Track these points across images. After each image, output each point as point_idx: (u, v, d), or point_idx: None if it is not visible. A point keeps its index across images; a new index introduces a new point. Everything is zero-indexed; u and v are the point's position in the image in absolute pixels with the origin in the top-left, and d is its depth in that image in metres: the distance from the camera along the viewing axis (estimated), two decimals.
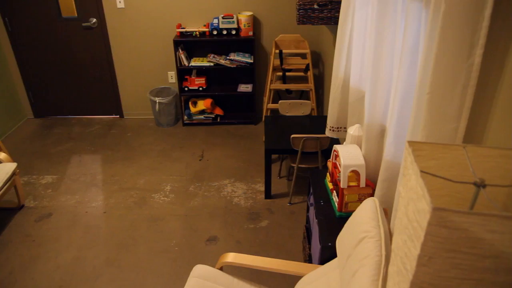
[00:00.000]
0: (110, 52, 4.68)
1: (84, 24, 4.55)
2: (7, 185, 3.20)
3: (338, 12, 2.92)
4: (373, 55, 1.93)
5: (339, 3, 2.88)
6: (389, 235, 1.54)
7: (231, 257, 2.22)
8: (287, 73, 4.21)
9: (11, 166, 3.27)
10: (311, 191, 2.53)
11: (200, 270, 2.21)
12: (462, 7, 1.10)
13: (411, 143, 0.91)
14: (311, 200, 2.57)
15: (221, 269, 2.27)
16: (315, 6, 2.91)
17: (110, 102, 5.02)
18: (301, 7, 2.93)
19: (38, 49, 4.71)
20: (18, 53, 4.74)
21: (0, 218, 3.43)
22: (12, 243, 3.17)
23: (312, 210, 2.55)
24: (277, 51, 4.16)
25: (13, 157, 4.27)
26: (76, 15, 4.52)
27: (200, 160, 4.12)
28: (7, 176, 3.19)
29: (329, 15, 2.94)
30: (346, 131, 2.75)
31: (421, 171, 0.79)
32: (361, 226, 1.55)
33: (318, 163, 3.33)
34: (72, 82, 4.91)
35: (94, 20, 4.52)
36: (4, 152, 3.42)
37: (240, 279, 2.22)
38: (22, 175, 3.98)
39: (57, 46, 4.69)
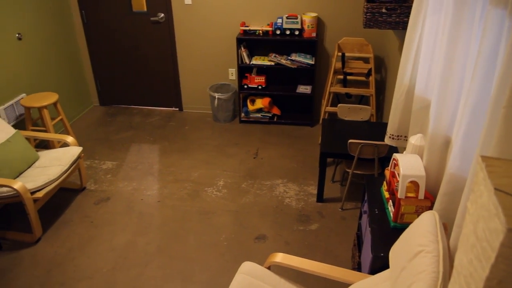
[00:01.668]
0: (174, 46, 4.82)
1: (152, 19, 4.71)
2: (73, 167, 3.38)
3: (407, 17, 2.84)
4: (443, 63, 1.85)
5: (409, 7, 2.79)
6: (448, 252, 1.47)
7: (280, 257, 2.21)
8: (348, 77, 4.14)
9: (77, 150, 3.45)
10: (366, 198, 2.47)
11: (248, 267, 2.23)
12: None
13: (484, 158, 0.86)
14: (365, 207, 2.52)
15: (268, 268, 2.27)
16: (384, 10, 2.84)
17: (171, 95, 5.17)
18: (368, 10, 2.87)
19: (108, 40, 4.94)
20: (90, 43, 5.00)
21: (63, 198, 3.63)
22: (73, 222, 3.35)
23: (365, 218, 2.49)
24: (340, 54, 4.11)
25: (79, 141, 4.51)
26: (145, 9, 4.70)
27: (254, 158, 4.15)
28: (73, 158, 3.37)
29: (397, 19, 2.85)
30: (406, 140, 2.66)
31: (495, 189, 0.75)
32: (418, 239, 1.50)
33: (374, 170, 3.25)
34: (137, 73, 5.11)
35: (162, 15, 4.67)
36: (72, 136, 3.62)
37: (287, 280, 2.21)
38: (86, 159, 4.19)
39: (126, 39, 4.90)
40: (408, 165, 2.03)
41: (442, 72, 1.87)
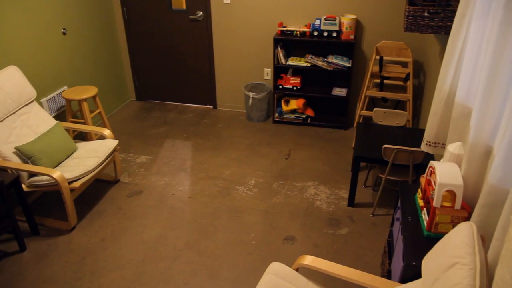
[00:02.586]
0: (211, 44, 4.86)
1: (191, 17, 4.77)
2: (108, 159, 3.47)
3: (451, 21, 2.76)
4: (488, 70, 1.79)
5: (453, 11, 2.72)
6: (486, 265, 1.42)
7: (309, 260, 2.20)
8: (385, 81, 4.07)
9: (113, 143, 3.54)
10: (399, 205, 2.43)
11: (276, 268, 2.23)
12: None
13: None
14: (398, 214, 2.47)
15: (296, 270, 2.26)
16: (426, 14, 2.77)
17: (206, 92, 5.22)
18: (410, 14, 2.81)
19: (147, 37, 5.04)
20: (130, 39, 5.11)
21: (98, 189, 3.73)
22: (106, 213, 3.43)
23: (397, 225, 2.44)
24: (378, 57, 4.04)
25: (115, 135, 4.62)
26: (184, 7, 4.76)
27: (286, 158, 4.14)
28: (109, 151, 3.45)
29: (440, 23, 2.78)
30: (444, 147, 2.59)
31: None
32: (453, 251, 1.46)
33: (408, 177, 3.19)
34: (173, 70, 5.19)
35: (201, 13, 4.73)
36: (108, 129, 3.71)
37: (315, 284, 2.20)
38: (121, 152, 4.29)
39: (164, 36, 4.98)
40: (445, 174, 1.98)
41: (486, 79, 1.81)
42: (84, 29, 4.45)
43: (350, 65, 4.32)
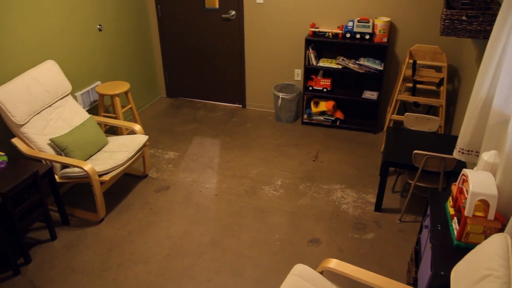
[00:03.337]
0: (243, 44, 4.88)
1: (223, 16, 4.80)
2: (138, 154, 3.53)
3: (490, 25, 2.68)
4: None
5: (493, 15, 2.64)
6: None
7: (334, 264, 2.18)
8: (418, 85, 3.99)
9: (143, 138, 3.60)
10: (428, 212, 2.38)
11: (300, 270, 2.22)
12: None
13: None
14: (426, 222, 2.42)
15: (321, 273, 2.25)
16: (464, 18, 2.70)
17: (236, 91, 5.24)
18: (447, 17, 2.74)
19: (180, 35, 5.10)
20: (163, 37, 5.18)
21: (127, 183, 3.80)
22: (134, 207, 3.49)
23: (425, 233, 2.40)
24: (411, 61, 3.97)
25: (144, 130, 4.70)
26: (217, 6, 4.79)
27: (313, 160, 4.12)
28: (139, 146, 3.51)
29: (478, 28, 2.70)
30: (478, 155, 2.52)
31: None
32: (486, 263, 1.42)
33: (438, 184, 3.12)
34: (204, 68, 5.23)
35: (233, 12, 4.75)
36: (139, 125, 3.77)
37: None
38: (150, 148, 4.36)
39: (196, 34, 5.03)
40: (479, 183, 1.93)
41: None
42: (119, 26, 4.54)
43: (382, 68, 4.25)
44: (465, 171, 2.06)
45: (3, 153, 3.05)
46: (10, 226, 2.77)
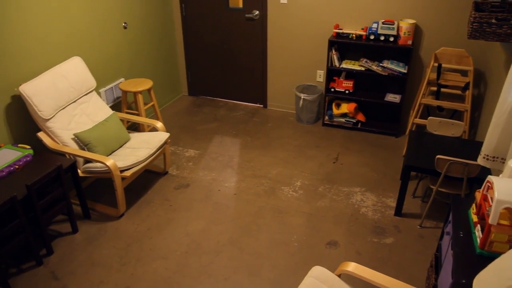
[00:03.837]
0: (265, 44, 4.88)
1: (247, 15, 4.81)
2: (159, 151, 3.56)
3: None
4: None
5: None
6: None
7: (352, 267, 2.16)
8: (442, 89, 3.93)
9: (165, 135, 3.63)
10: (450, 219, 2.34)
11: (318, 272, 2.21)
12: None
13: None
14: (448, 228, 2.38)
15: (338, 276, 2.23)
16: (493, 21, 2.65)
17: (257, 91, 5.25)
18: (476, 20, 2.69)
19: (203, 34, 5.13)
20: (186, 35, 5.23)
21: (147, 180, 3.84)
22: (153, 203, 3.53)
23: (447, 240, 2.36)
24: (436, 64, 3.91)
25: (166, 128, 4.74)
26: (241, 6, 4.80)
27: (334, 162, 4.09)
28: (160, 143, 3.54)
29: (509, 31, 2.64)
30: (503, 162, 2.47)
31: None
32: (511, 273, 1.38)
33: (461, 190, 3.06)
34: (226, 68, 5.25)
35: (257, 12, 4.75)
36: (161, 122, 3.81)
37: None
38: (171, 145, 4.40)
39: (219, 33, 5.05)
40: (505, 190, 1.88)
41: None
42: (144, 24, 4.59)
43: (405, 71, 4.20)
44: (490, 177, 2.02)
45: (29, 147, 3.13)
46: (34, 218, 2.83)
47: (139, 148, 3.47)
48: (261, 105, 5.32)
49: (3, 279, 2.66)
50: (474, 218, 2.17)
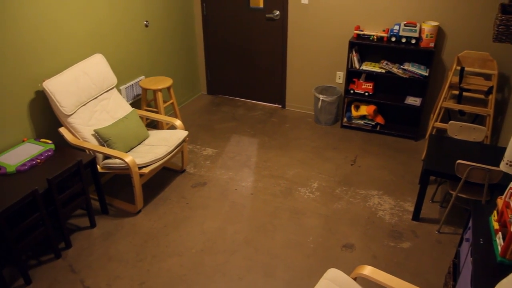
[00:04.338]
0: (285, 44, 4.87)
1: (267, 15, 4.81)
2: (177, 149, 3.59)
3: None
4: None
5: None
6: None
7: (368, 271, 2.14)
8: (464, 93, 3.87)
9: (183, 134, 3.65)
10: (470, 225, 2.30)
11: (333, 274, 2.19)
12: None
13: None
14: (468, 235, 2.34)
15: (354, 279, 2.21)
16: None
17: (276, 91, 5.24)
18: (502, 22, 2.64)
19: (223, 33, 5.15)
20: (206, 34, 5.25)
21: (165, 177, 3.87)
22: (170, 201, 3.56)
23: (466, 246, 2.32)
24: (458, 67, 3.84)
25: (184, 126, 4.77)
26: (262, 6, 4.80)
27: (351, 164, 4.06)
28: (179, 141, 3.57)
29: None
30: None
31: None
32: None
33: (481, 196, 3.01)
34: (246, 67, 5.26)
35: (278, 12, 4.75)
36: (179, 120, 3.83)
37: None
38: (189, 144, 4.42)
39: (239, 33, 5.06)
40: None
41: None
42: (165, 22, 4.63)
43: (427, 74, 4.14)
44: None
45: (50, 142, 3.18)
46: (54, 211, 2.88)
47: (158, 146, 3.50)
48: (280, 106, 5.31)
49: (24, 270, 2.72)
50: (495, 225, 2.13)
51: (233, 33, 5.11)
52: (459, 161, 2.86)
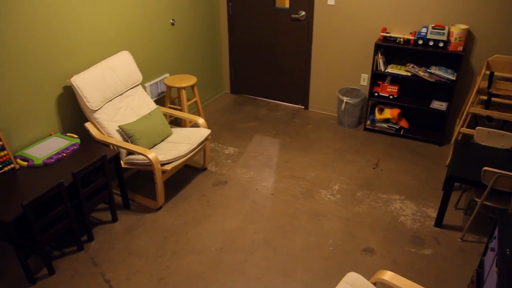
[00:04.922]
0: (310, 45, 4.85)
1: (293, 16, 4.80)
2: (199, 147, 3.61)
3: None
4: None
5: None
6: None
7: (388, 276, 2.12)
8: (493, 99, 3.78)
9: (206, 132, 3.68)
10: (496, 234, 2.24)
11: (353, 278, 2.17)
12: None
13: None
14: (493, 244, 2.28)
15: (374, 284, 2.19)
16: None
17: (299, 92, 5.22)
18: None
19: (248, 33, 5.16)
20: (231, 34, 5.27)
21: (186, 175, 3.90)
22: (191, 198, 3.58)
23: (491, 256, 2.26)
24: (488, 72, 3.76)
25: (207, 124, 4.80)
26: (287, 6, 4.79)
27: (374, 168, 4.01)
28: (201, 139, 3.59)
29: None
30: None
31: None
32: None
33: (509, 205, 2.93)
34: (269, 67, 5.26)
35: (303, 13, 4.73)
36: (202, 118, 3.86)
37: None
38: (211, 142, 4.45)
39: (264, 33, 5.06)
40: None
41: None
42: (191, 21, 4.67)
43: (454, 78, 4.06)
44: None
45: (76, 136, 3.25)
46: (78, 204, 2.94)
47: (180, 143, 3.53)
48: (303, 107, 5.29)
49: (48, 260, 2.78)
50: None
51: (257, 33, 5.11)
52: (485, 168, 2.79)
